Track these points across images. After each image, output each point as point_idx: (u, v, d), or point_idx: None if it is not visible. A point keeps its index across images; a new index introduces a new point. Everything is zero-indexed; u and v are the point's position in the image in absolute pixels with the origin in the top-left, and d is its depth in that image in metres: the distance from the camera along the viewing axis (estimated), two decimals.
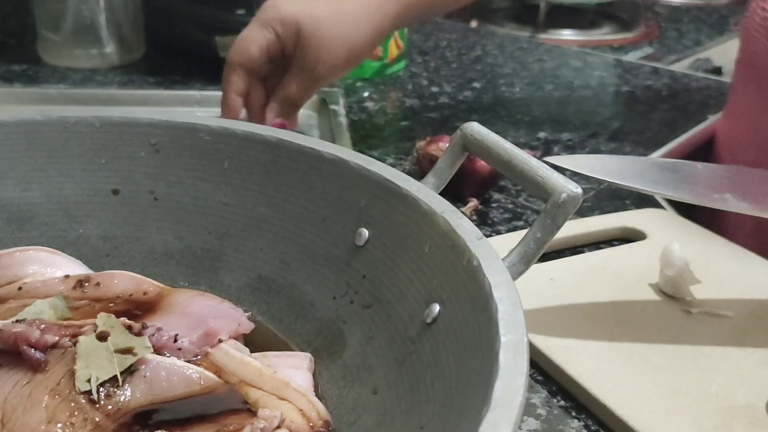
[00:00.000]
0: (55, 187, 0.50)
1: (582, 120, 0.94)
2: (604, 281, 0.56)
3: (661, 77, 1.11)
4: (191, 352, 0.40)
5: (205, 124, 0.49)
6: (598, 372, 0.47)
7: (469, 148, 0.43)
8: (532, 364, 0.49)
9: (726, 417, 0.44)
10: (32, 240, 0.49)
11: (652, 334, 0.51)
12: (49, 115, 0.50)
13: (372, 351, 0.41)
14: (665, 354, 0.48)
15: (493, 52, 1.20)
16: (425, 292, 0.39)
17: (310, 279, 0.46)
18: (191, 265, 0.50)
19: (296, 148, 0.46)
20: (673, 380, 0.47)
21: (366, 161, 0.44)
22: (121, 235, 0.50)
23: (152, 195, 0.50)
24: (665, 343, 0.50)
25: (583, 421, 0.45)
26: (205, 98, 0.92)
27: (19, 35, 1.09)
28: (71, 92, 0.91)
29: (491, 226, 0.67)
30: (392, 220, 0.42)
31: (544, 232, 0.39)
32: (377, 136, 0.85)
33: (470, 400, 0.31)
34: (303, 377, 0.41)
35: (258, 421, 0.36)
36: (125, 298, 0.45)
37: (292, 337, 0.46)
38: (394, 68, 1.06)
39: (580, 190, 0.38)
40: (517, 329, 0.32)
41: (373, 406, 0.39)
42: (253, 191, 0.48)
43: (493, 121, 0.91)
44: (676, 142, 0.88)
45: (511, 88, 1.04)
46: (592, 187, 0.74)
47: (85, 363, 0.37)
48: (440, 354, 0.36)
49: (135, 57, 1.03)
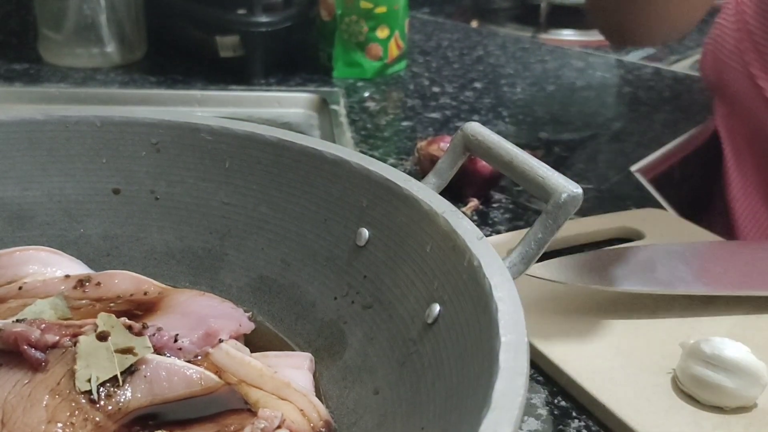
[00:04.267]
0: (55, 186, 0.50)
1: (583, 120, 0.94)
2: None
3: (662, 78, 1.11)
4: (192, 352, 0.40)
5: (207, 124, 0.49)
6: (598, 372, 0.47)
7: (470, 148, 0.43)
8: (532, 364, 0.49)
9: (725, 416, 0.44)
10: (33, 239, 0.49)
11: (653, 334, 0.51)
12: (50, 115, 0.50)
13: (373, 351, 0.41)
14: (665, 354, 0.48)
15: (495, 53, 1.20)
16: (426, 293, 0.39)
17: (311, 279, 0.46)
18: (192, 265, 0.50)
19: (298, 148, 0.46)
20: (672, 380, 0.46)
21: (367, 161, 0.44)
22: (122, 234, 0.50)
23: (153, 195, 0.50)
24: (666, 342, 0.49)
25: (583, 421, 0.45)
26: (206, 98, 0.92)
27: (20, 34, 1.09)
28: (72, 91, 0.91)
29: (492, 226, 0.67)
30: (393, 221, 0.42)
31: (545, 232, 0.39)
32: (378, 136, 0.85)
33: (471, 400, 0.31)
34: (304, 377, 0.41)
35: (258, 421, 0.36)
36: (126, 298, 0.45)
37: (293, 337, 0.46)
38: (395, 68, 1.06)
39: (580, 190, 0.38)
40: (518, 329, 0.32)
41: (374, 407, 0.39)
42: (255, 191, 0.48)
43: (494, 121, 0.91)
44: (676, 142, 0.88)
45: (512, 88, 1.04)
46: (593, 187, 0.74)
47: (86, 363, 0.37)
48: (441, 354, 0.36)
49: (136, 56, 1.03)
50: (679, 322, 0.52)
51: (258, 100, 0.93)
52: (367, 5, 0.98)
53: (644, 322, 0.52)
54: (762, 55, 0.80)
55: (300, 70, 1.02)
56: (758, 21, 0.80)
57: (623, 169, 0.80)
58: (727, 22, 0.86)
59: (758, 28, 0.80)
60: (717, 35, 0.87)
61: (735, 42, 0.83)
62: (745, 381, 0.44)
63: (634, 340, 0.50)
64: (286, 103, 0.94)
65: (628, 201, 0.73)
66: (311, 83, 0.99)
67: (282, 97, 0.94)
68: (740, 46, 0.82)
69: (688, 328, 0.52)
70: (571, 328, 0.51)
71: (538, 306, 0.53)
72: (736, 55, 0.83)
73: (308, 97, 0.95)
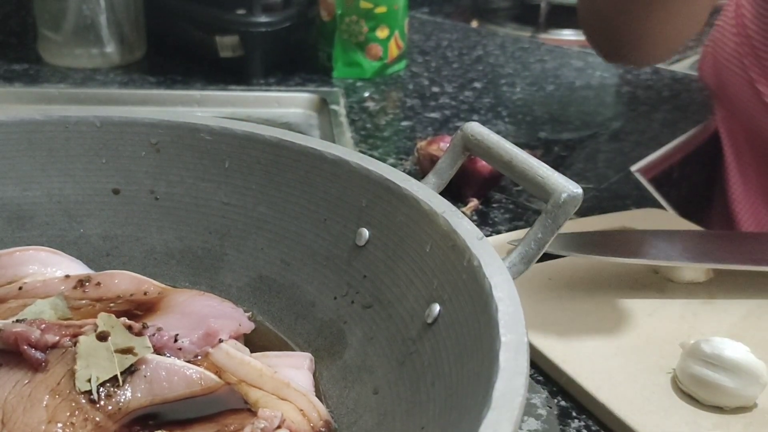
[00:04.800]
0: (55, 186, 0.50)
1: (583, 120, 0.94)
2: (602, 281, 0.56)
3: (661, 77, 1.11)
4: (192, 352, 0.40)
5: (206, 124, 0.49)
6: (597, 372, 0.47)
7: (470, 148, 0.43)
8: (532, 364, 0.49)
9: (724, 416, 0.44)
10: (33, 239, 0.49)
11: (652, 334, 0.51)
12: (50, 115, 0.50)
13: (373, 351, 0.41)
14: (664, 353, 0.48)
15: (495, 53, 1.20)
16: (426, 292, 0.39)
17: (311, 279, 0.46)
18: (192, 265, 0.50)
19: (297, 148, 0.46)
20: (672, 380, 0.47)
21: (367, 161, 0.44)
22: (122, 234, 0.50)
23: (153, 195, 0.50)
24: (665, 342, 0.49)
25: (583, 421, 0.45)
26: (205, 98, 0.92)
27: (19, 35, 1.09)
28: (72, 92, 0.91)
29: (492, 226, 0.67)
30: (393, 220, 0.42)
31: (544, 232, 0.39)
32: (378, 136, 0.85)
33: (471, 400, 0.31)
34: (303, 377, 0.41)
35: (258, 421, 0.36)
36: (126, 298, 0.45)
37: (293, 337, 0.46)
38: (394, 68, 1.06)
39: (580, 190, 0.38)
40: (518, 329, 0.32)
41: (374, 407, 0.39)
42: (254, 191, 0.48)
43: (494, 121, 0.91)
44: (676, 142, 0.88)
45: (512, 88, 1.04)
46: (592, 187, 0.74)
47: (86, 363, 0.37)
48: (441, 354, 0.36)
49: (136, 57, 1.03)
50: (678, 322, 0.52)
51: (257, 100, 0.93)
52: (367, 5, 0.98)
53: (644, 322, 0.52)
54: (760, 59, 0.80)
55: (299, 70, 1.02)
56: (756, 25, 0.80)
57: (623, 169, 0.80)
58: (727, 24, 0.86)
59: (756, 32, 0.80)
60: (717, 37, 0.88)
61: (734, 45, 0.83)
62: (744, 381, 0.44)
63: (634, 339, 0.50)
64: (285, 103, 0.94)
65: (627, 201, 0.73)
66: (311, 83, 0.99)
67: (281, 97, 0.94)
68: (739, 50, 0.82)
69: (688, 327, 0.52)
70: (571, 328, 0.51)
71: (538, 306, 0.53)
72: (735, 58, 0.83)
73: (308, 97, 0.95)
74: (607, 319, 0.52)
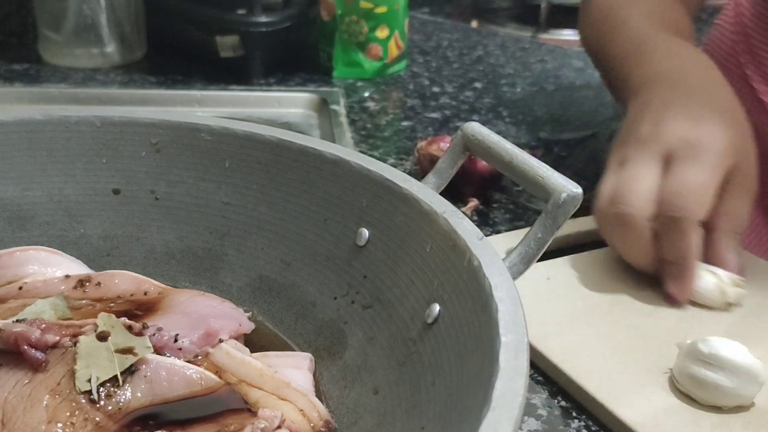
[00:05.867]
0: (55, 186, 0.50)
1: (583, 120, 0.94)
2: (601, 280, 0.56)
3: None
4: (192, 352, 0.40)
5: (206, 124, 0.49)
6: (596, 372, 0.47)
7: (470, 148, 0.43)
8: (532, 364, 0.49)
9: (723, 416, 0.44)
10: (33, 239, 0.49)
11: (651, 333, 0.51)
12: (50, 115, 0.50)
13: (373, 351, 0.41)
14: (663, 353, 0.48)
15: (495, 53, 1.20)
16: (426, 293, 0.39)
17: (311, 279, 0.46)
18: (192, 265, 0.50)
19: (297, 148, 0.47)
20: (670, 380, 0.47)
21: (367, 161, 0.44)
22: (122, 234, 0.50)
23: (153, 195, 0.50)
24: (664, 342, 0.49)
25: (583, 421, 0.45)
26: (205, 98, 0.92)
27: (20, 34, 1.09)
28: (72, 92, 0.91)
29: (492, 226, 0.67)
30: (393, 220, 0.42)
31: (544, 232, 0.39)
32: (378, 136, 0.85)
33: (471, 400, 0.31)
34: (304, 377, 0.41)
35: (258, 421, 0.36)
36: (126, 298, 0.45)
37: (293, 337, 0.46)
38: (394, 68, 1.06)
39: (580, 190, 0.38)
40: (518, 329, 0.32)
41: (374, 407, 0.39)
42: (254, 191, 0.48)
43: (494, 121, 0.91)
44: None
45: (512, 88, 1.04)
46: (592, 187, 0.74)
47: (86, 363, 0.37)
48: (441, 354, 0.36)
49: (136, 56, 1.03)
50: (677, 322, 0.52)
51: (258, 100, 0.93)
52: (367, 5, 0.98)
53: (643, 322, 0.52)
54: (756, 57, 0.80)
55: (300, 70, 1.02)
56: (755, 23, 0.80)
57: None
58: (726, 24, 0.86)
59: (755, 30, 0.80)
60: (715, 37, 0.88)
61: (731, 44, 0.84)
62: (742, 380, 0.44)
63: (633, 340, 0.50)
64: (285, 103, 0.94)
65: None
66: (311, 83, 0.99)
67: (282, 97, 0.94)
68: (736, 48, 0.83)
69: (686, 327, 0.52)
70: (570, 328, 0.51)
71: (539, 306, 0.53)
72: (731, 57, 0.83)
73: (308, 97, 0.95)
74: (606, 319, 0.52)
